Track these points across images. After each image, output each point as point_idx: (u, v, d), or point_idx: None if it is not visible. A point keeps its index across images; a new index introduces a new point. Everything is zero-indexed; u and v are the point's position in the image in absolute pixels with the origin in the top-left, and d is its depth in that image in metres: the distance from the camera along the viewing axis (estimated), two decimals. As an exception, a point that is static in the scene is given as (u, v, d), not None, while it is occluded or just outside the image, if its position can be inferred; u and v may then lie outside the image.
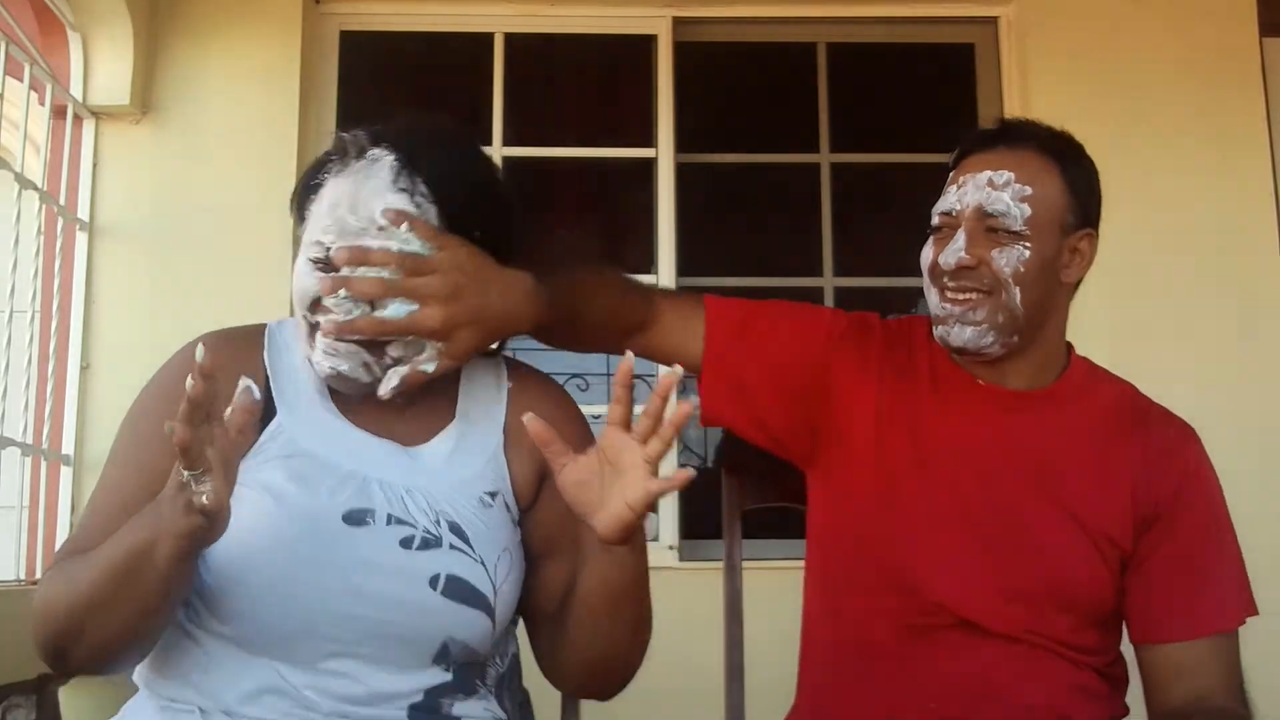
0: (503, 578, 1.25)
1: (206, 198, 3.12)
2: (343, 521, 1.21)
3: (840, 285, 3.43)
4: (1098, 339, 1.58)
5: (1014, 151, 1.45)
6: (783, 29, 3.51)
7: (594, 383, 3.91)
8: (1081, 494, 1.45)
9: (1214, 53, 3.25)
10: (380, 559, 1.20)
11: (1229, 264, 3.17)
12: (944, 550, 1.44)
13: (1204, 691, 1.39)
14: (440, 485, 1.26)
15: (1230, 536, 1.47)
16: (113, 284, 3.08)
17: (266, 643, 1.19)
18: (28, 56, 2.78)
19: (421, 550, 1.22)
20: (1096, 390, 1.52)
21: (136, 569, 1.10)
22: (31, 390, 2.83)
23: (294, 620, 1.18)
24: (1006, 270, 1.41)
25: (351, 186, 1.23)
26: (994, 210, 1.41)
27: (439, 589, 1.20)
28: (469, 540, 1.24)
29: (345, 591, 1.18)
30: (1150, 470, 1.45)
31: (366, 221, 1.21)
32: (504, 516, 1.29)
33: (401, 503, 1.24)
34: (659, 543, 3.17)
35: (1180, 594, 1.43)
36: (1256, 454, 2.97)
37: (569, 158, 3.71)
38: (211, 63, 3.19)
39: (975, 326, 1.43)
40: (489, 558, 1.24)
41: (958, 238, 1.43)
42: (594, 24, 3.44)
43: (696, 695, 2.06)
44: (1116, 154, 3.15)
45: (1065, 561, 1.43)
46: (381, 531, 1.21)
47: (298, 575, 1.18)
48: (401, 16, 3.41)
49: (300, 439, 1.25)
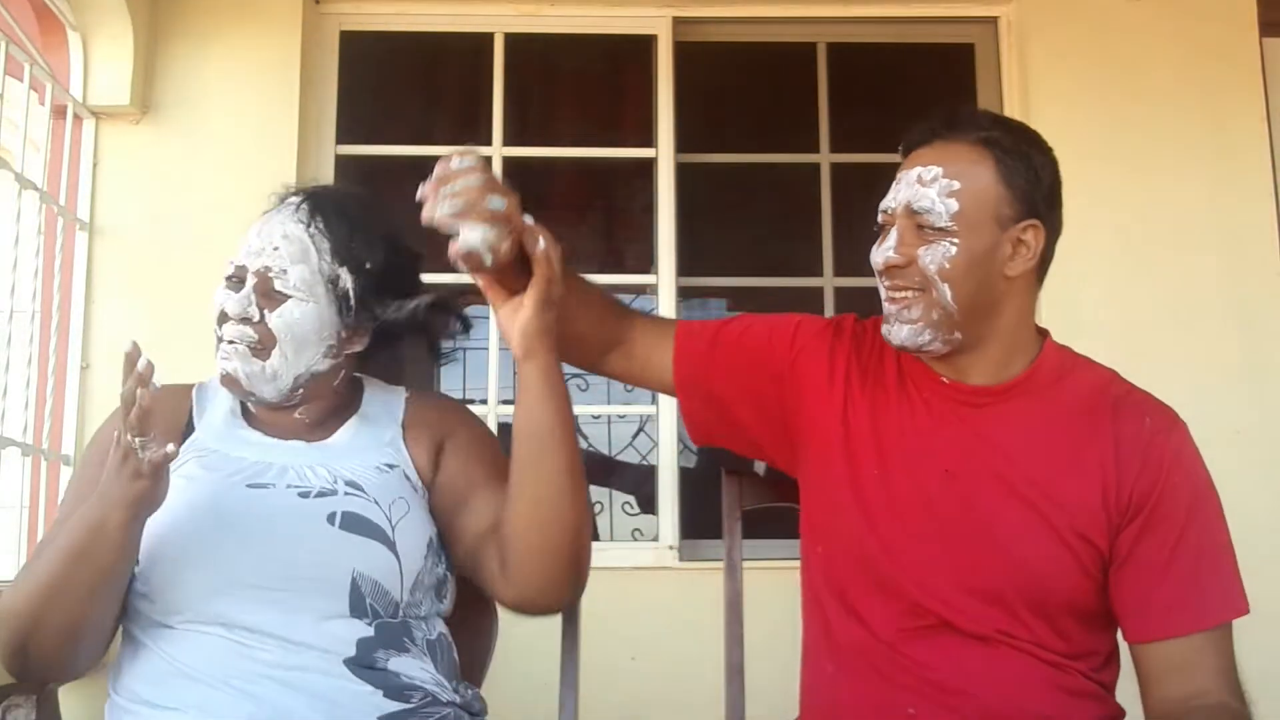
0: (399, 516, 1.39)
1: (206, 198, 3.11)
2: (246, 488, 1.39)
3: (840, 285, 3.43)
4: (1098, 338, 1.58)
5: (947, 145, 1.44)
6: (783, 29, 3.51)
7: (594, 383, 3.91)
8: (1048, 489, 1.42)
9: (1214, 53, 3.24)
10: (282, 507, 1.37)
11: (1229, 264, 3.16)
12: (911, 549, 1.43)
13: (1199, 688, 1.37)
14: (341, 460, 1.44)
15: (1220, 528, 1.43)
16: (113, 284, 3.08)
17: (195, 603, 1.31)
18: (28, 56, 2.78)
19: (318, 498, 1.38)
20: (1068, 380, 1.48)
21: (90, 547, 1.26)
22: (31, 390, 2.83)
23: (213, 568, 1.32)
24: (932, 268, 1.41)
25: (264, 220, 1.48)
26: (919, 208, 1.41)
27: (336, 524, 1.36)
28: (363, 489, 1.40)
29: (251, 535, 1.34)
30: (1124, 463, 1.41)
31: (265, 243, 1.45)
32: (401, 481, 1.45)
33: (301, 474, 1.41)
34: (659, 543, 3.17)
35: (1170, 590, 1.39)
36: (1256, 453, 2.97)
37: (569, 158, 3.71)
38: (211, 63, 3.19)
39: (911, 325, 1.43)
40: (383, 500, 1.40)
41: (890, 236, 1.45)
42: (594, 24, 3.44)
43: (696, 694, 2.07)
44: (1116, 154, 3.17)
45: (1031, 560, 1.40)
46: (281, 491, 1.39)
47: (211, 532, 1.34)
48: (401, 16, 3.40)
49: (210, 442, 1.46)
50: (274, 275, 1.43)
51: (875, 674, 1.44)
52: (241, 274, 1.45)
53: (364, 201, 1.56)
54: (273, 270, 1.43)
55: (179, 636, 1.32)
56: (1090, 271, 3.04)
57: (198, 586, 1.32)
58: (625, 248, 4.13)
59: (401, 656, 1.35)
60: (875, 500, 1.46)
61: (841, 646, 1.47)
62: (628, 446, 3.73)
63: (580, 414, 4.42)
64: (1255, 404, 3.07)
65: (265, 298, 1.43)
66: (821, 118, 3.49)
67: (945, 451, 1.45)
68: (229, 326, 1.42)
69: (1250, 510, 2.54)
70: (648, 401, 3.42)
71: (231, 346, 1.42)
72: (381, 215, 1.56)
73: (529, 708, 1.75)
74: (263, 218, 1.49)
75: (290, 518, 1.36)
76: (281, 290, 1.43)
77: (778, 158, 3.67)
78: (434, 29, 3.45)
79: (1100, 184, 3.14)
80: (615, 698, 2.75)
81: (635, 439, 3.73)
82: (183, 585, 1.33)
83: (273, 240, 1.45)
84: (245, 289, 1.43)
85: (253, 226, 1.48)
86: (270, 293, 1.43)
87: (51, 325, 2.95)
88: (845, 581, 1.48)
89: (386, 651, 1.34)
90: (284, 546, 1.34)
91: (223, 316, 1.44)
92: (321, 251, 1.46)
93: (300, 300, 1.43)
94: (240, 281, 1.44)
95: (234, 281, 1.45)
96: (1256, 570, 1.46)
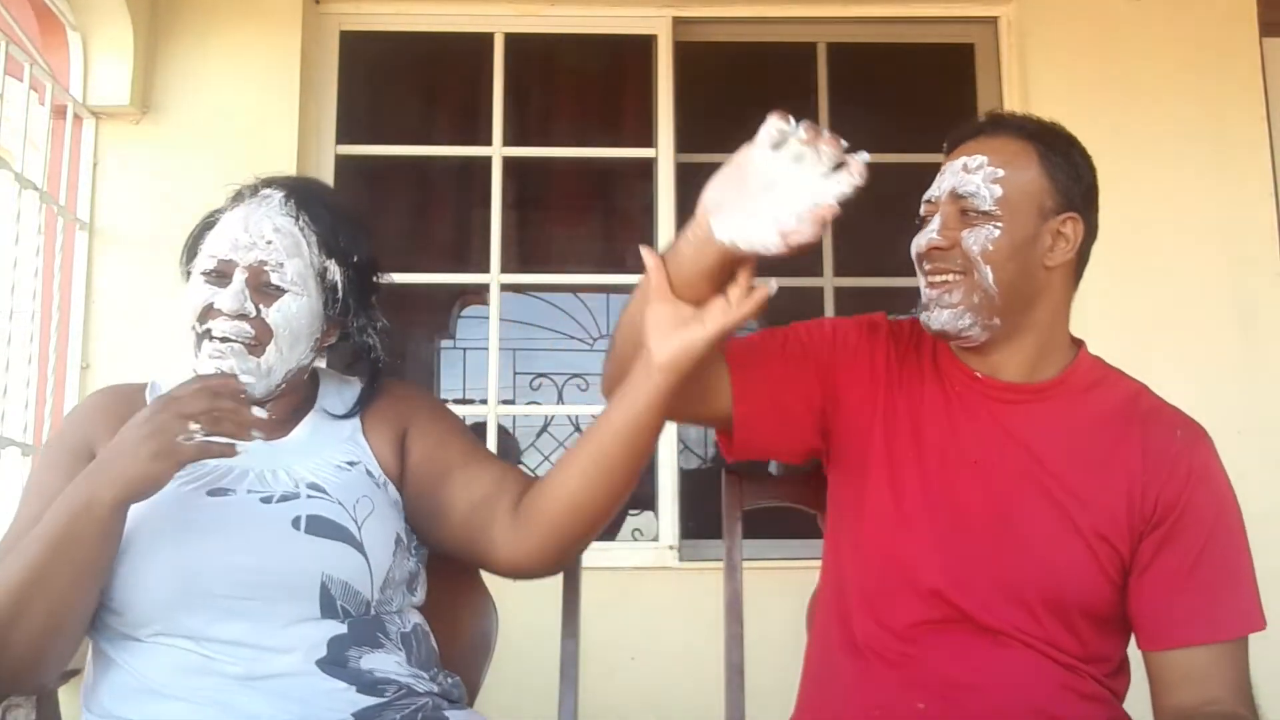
0: (364, 516, 1.37)
1: (206, 198, 3.09)
2: (207, 495, 1.35)
3: (840, 285, 3.43)
4: (1098, 338, 1.57)
5: (992, 139, 1.48)
6: (783, 29, 3.51)
7: (594, 383, 3.92)
8: (1075, 490, 1.43)
9: (1214, 53, 3.25)
10: (244, 514, 1.34)
11: (1229, 263, 3.17)
12: (939, 542, 1.44)
13: (1211, 697, 1.38)
14: (301, 461, 1.41)
15: (1242, 544, 1.45)
16: (113, 284, 3.08)
17: (163, 616, 1.29)
18: (28, 56, 2.78)
19: (281, 503, 1.36)
20: (1100, 389, 1.50)
21: (75, 531, 1.23)
22: (31, 390, 2.83)
23: (180, 580, 1.29)
24: (975, 249, 1.42)
25: (244, 213, 1.44)
26: (964, 192, 1.44)
27: (302, 528, 1.34)
28: (325, 491, 1.38)
29: (219, 546, 1.31)
30: (1150, 473, 1.43)
31: (256, 237, 1.41)
32: (363, 478, 1.43)
33: (261, 479, 1.39)
34: (659, 543, 3.17)
35: (1189, 600, 1.40)
36: (1257, 453, 2.97)
37: (569, 158, 3.71)
38: (211, 63, 3.19)
39: (952, 309, 1.44)
40: (347, 500, 1.38)
41: (933, 221, 1.47)
42: (594, 24, 3.44)
43: (696, 695, 2.07)
44: (1116, 153, 3.16)
45: (1052, 558, 1.42)
46: (243, 497, 1.36)
47: (173, 540, 1.30)
48: (401, 16, 3.41)
49: None
50: (270, 269, 1.41)
51: (888, 668, 1.44)
52: (227, 268, 1.41)
53: (337, 194, 1.55)
54: (268, 264, 1.41)
55: (147, 650, 1.30)
56: (1090, 270, 3.01)
57: (165, 600, 1.29)
58: (625, 248, 4.13)
59: (375, 653, 1.34)
60: (910, 494, 1.47)
61: (857, 641, 1.48)
62: (628, 446, 3.76)
63: (580, 414, 4.45)
64: (1255, 404, 3.08)
65: (258, 292, 1.40)
66: (821, 118, 3.49)
67: (974, 445, 1.47)
68: (221, 323, 1.38)
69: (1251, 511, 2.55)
70: (648, 401, 3.42)
71: (226, 344, 1.38)
72: (356, 208, 1.55)
73: (529, 707, 1.75)
74: (239, 210, 1.45)
75: (254, 525, 1.33)
76: (278, 284, 1.41)
77: (778, 158, 3.66)
78: (434, 29, 3.45)
79: (1100, 183, 3.14)
80: (615, 698, 2.75)
81: (635, 439, 3.77)
82: (150, 598, 1.29)
83: (263, 234, 1.42)
84: (236, 283, 1.39)
85: (228, 219, 1.44)
86: (264, 287, 1.41)
87: (51, 325, 2.95)
88: (871, 575, 1.48)
89: (359, 649, 1.33)
90: (251, 555, 1.31)
91: (210, 312, 1.39)
92: (311, 245, 1.45)
93: (296, 294, 1.42)
94: (224, 276, 1.40)
95: (217, 276, 1.41)
96: (1259, 572, 1.46)
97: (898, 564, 1.46)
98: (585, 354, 4.86)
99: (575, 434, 4.36)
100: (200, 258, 1.44)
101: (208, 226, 1.47)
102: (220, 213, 1.48)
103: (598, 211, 4.31)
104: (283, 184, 1.49)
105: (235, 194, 1.50)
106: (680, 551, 3.14)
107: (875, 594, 1.47)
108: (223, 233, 1.43)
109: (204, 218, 1.50)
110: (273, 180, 1.50)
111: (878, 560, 1.48)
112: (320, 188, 1.55)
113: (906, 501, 1.46)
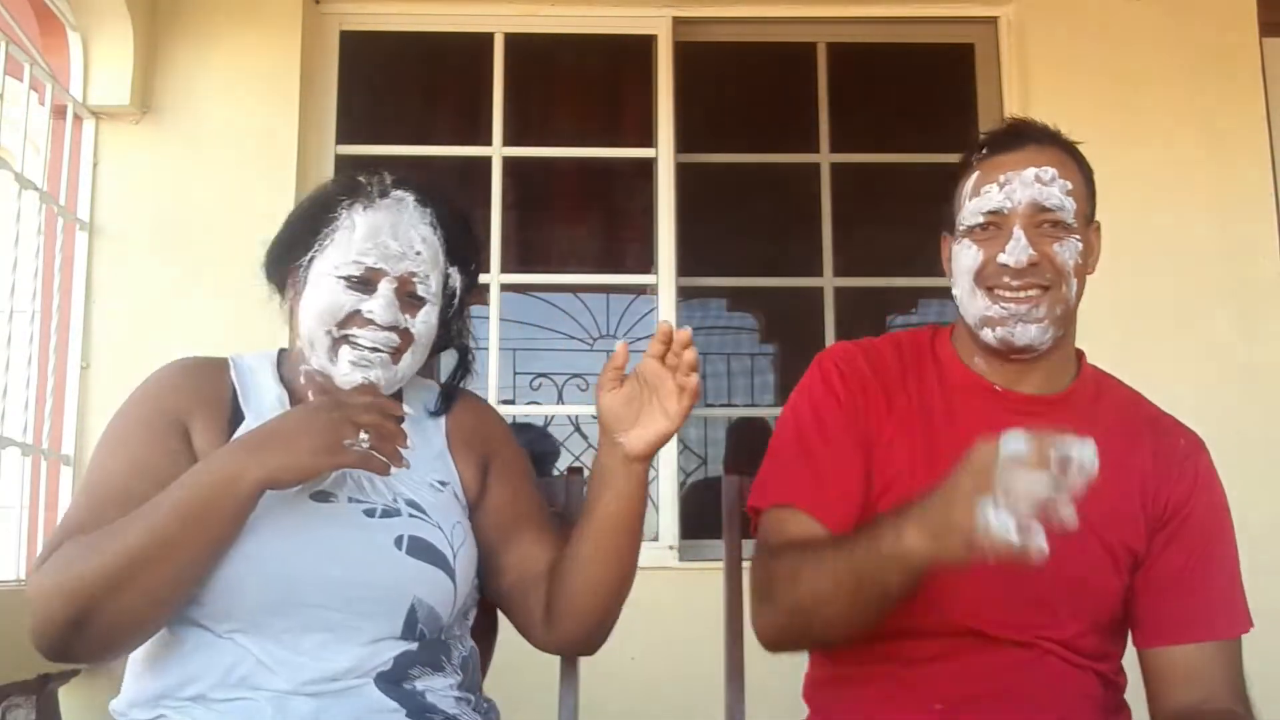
0: (459, 543, 1.38)
1: (206, 198, 3.12)
2: (310, 499, 1.33)
3: (840, 285, 3.43)
4: (1098, 339, 1.57)
5: (1045, 149, 1.46)
6: (783, 29, 3.51)
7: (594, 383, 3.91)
8: (1095, 498, 1.43)
9: (1214, 53, 3.25)
10: (348, 526, 1.33)
11: (1229, 264, 3.17)
12: (968, 572, 1.43)
13: (1207, 695, 1.40)
14: (396, 475, 1.35)
15: (1235, 549, 1.49)
16: (113, 284, 3.08)
17: (248, 616, 1.27)
18: (28, 56, 2.78)
19: (384, 518, 1.35)
20: (1107, 397, 1.53)
21: (212, 503, 1.21)
22: (31, 390, 2.83)
23: (278, 587, 1.27)
24: (1069, 264, 1.43)
25: (387, 218, 1.40)
26: (1051, 205, 1.42)
27: (404, 549, 1.33)
28: (425, 511, 1.38)
29: (319, 556, 1.29)
30: (1161, 476, 1.46)
31: (406, 247, 1.39)
32: (454, 501, 1.43)
33: (360, 486, 1.37)
34: (659, 543, 3.17)
35: (1188, 599, 1.43)
36: (1257, 454, 2.97)
37: (569, 158, 3.71)
38: (211, 63, 3.19)
39: (1039, 324, 1.42)
40: (445, 524, 1.38)
41: (1016, 235, 1.42)
42: (594, 24, 3.44)
43: (696, 694, 2.06)
44: (1116, 154, 3.16)
45: (1079, 565, 1.42)
46: (345, 508, 1.34)
47: (274, 544, 1.27)
48: (401, 16, 3.41)
49: None
50: (417, 281, 1.40)
51: (896, 672, 1.44)
52: (375, 276, 1.38)
53: (456, 197, 1.53)
54: (417, 275, 1.40)
55: (220, 645, 1.27)
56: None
57: (257, 603, 1.26)
58: (625, 248, 4.13)
59: (435, 676, 1.34)
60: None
61: (874, 648, 1.46)
62: (628, 446, 3.76)
63: (581, 414, 4.44)
64: (1255, 404, 3.08)
65: (403, 302, 1.39)
66: (821, 118, 3.49)
67: None
68: (371, 332, 1.36)
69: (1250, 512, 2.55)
70: (648, 401, 3.42)
71: (375, 354, 1.37)
72: (469, 210, 1.54)
73: (529, 708, 1.75)
74: (379, 215, 1.40)
75: (358, 539, 1.32)
76: (422, 295, 1.41)
77: (778, 158, 3.67)
78: (434, 29, 3.45)
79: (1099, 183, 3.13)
80: (615, 698, 2.75)
81: (635, 439, 3.76)
82: (243, 599, 1.26)
83: (412, 244, 1.40)
84: (385, 293, 1.37)
85: (370, 223, 1.39)
86: (408, 297, 1.40)
87: (51, 325, 2.95)
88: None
89: (422, 669, 1.33)
90: (351, 569, 1.29)
91: (356, 319, 1.37)
92: (441, 253, 1.44)
93: (433, 304, 1.42)
94: (369, 284, 1.38)
95: (359, 283, 1.38)
96: (1257, 573, 1.47)
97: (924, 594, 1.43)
98: (585, 354, 4.85)
99: (574, 434, 4.35)
100: (339, 255, 1.38)
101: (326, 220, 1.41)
102: (338, 205, 1.42)
103: (598, 211, 4.32)
104: (411, 186, 1.45)
105: (349, 185, 1.45)
106: (680, 551, 3.13)
107: (896, 614, 1.47)
108: (367, 237, 1.39)
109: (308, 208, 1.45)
110: (401, 180, 1.46)
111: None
112: (445, 192, 1.51)
113: None
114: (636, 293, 3.79)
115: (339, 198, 1.42)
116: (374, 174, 1.46)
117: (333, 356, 1.37)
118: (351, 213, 1.40)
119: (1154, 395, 1.56)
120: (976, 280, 1.45)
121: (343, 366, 1.37)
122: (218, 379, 1.42)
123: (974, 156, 1.49)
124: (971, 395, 1.49)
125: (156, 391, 1.40)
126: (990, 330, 1.44)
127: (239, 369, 1.45)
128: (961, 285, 1.47)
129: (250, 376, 1.45)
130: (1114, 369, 1.57)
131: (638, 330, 4.11)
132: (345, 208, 1.41)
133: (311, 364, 1.40)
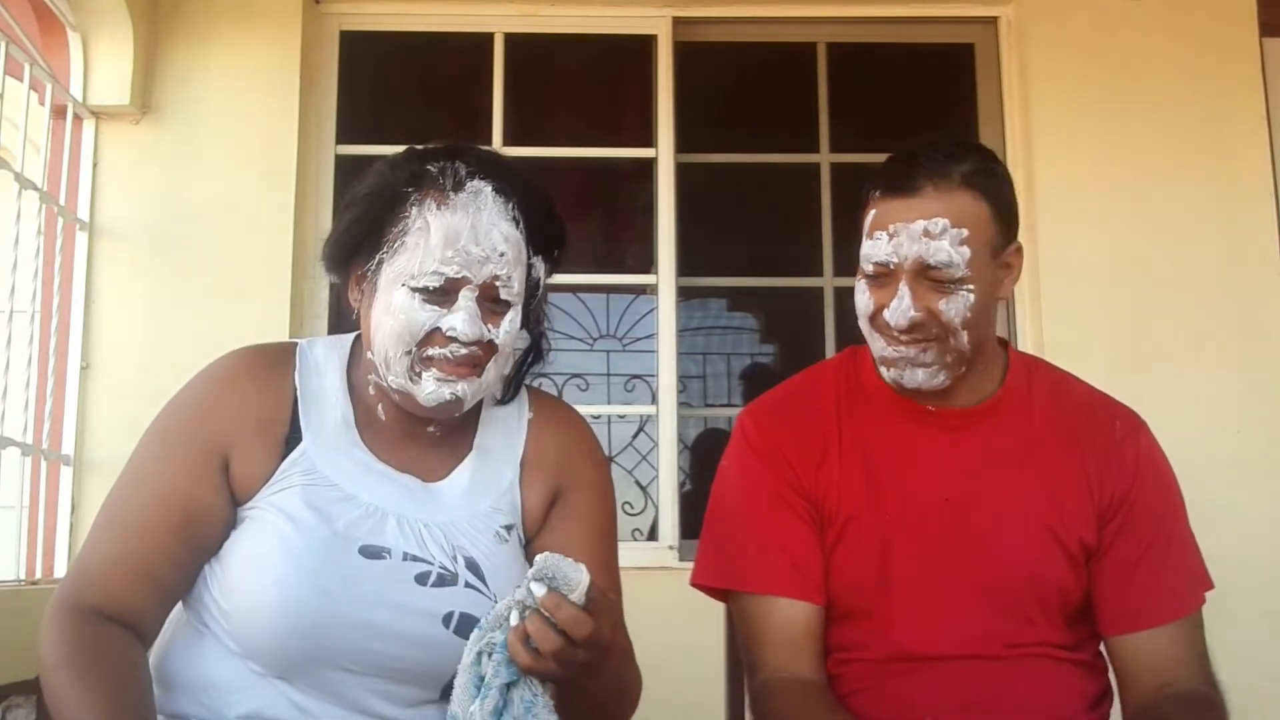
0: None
1: (206, 198, 3.11)
2: (359, 554, 1.24)
3: (840, 285, 3.43)
4: (1099, 338, 1.58)
5: (942, 194, 1.39)
6: (783, 29, 3.51)
7: (594, 383, 3.91)
8: (1041, 495, 1.46)
9: (1214, 53, 3.25)
10: (396, 595, 1.23)
11: (1229, 264, 3.16)
12: (905, 593, 1.44)
13: (1173, 676, 1.41)
14: (458, 520, 1.29)
15: (1183, 516, 1.50)
16: (113, 284, 3.08)
17: (279, 666, 1.21)
18: (28, 56, 2.78)
19: (437, 587, 1.25)
20: (1039, 389, 1.53)
21: None
22: (31, 390, 2.83)
23: (308, 649, 1.20)
24: (956, 319, 1.40)
25: (466, 219, 1.25)
26: (936, 262, 1.38)
27: (452, 627, 1.23)
28: (484, 577, 1.27)
29: (360, 625, 1.21)
30: (1104, 465, 1.47)
31: (489, 249, 1.25)
32: (517, 550, 1.33)
33: (419, 538, 1.27)
34: (659, 543, 3.18)
35: (1145, 582, 1.45)
36: (1256, 452, 2.97)
37: (569, 158, 3.71)
38: (211, 63, 3.19)
39: (926, 369, 1.43)
40: (502, 595, 1.21)
41: (901, 293, 1.40)
42: (594, 24, 3.44)
43: (696, 695, 2.06)
44: (1116, 154, 3.17)
45: (1041, 568, 1.44)
46: (398, 567, 1.24)
47: (314, 605, 1.20)
48: (401, 16, 3.41)
49: (322, 467, 1.28)
50: (500, 284, 1.27)
51: (872, 698, 1.45)
52: (455, 286, 1.25)
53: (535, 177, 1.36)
54: (500, 279, 1.26)
55: (248, 682, 1.22)
56: (1090, 271, 3.04)
57: (289, 655, 1.20)
58: (625, 248, 4.12)
59: None
60: (867, 540, 1.46)
61: (855, 670, 1.48)
62: (628, 447, 3.73)
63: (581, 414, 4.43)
64: (1255, 403, 3.07)
65: (485, 309, 1.27)
66: (821, 118, 3.49)
67: (936, 478, 1.47)
68: (454, 350, 1.25)
69: (1249, 509, 2.55)
70: (648, 402, 3.42)
71: (458, 369, 1.26)
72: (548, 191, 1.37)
73: (529, 707, 1.75)
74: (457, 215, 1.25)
75: (405, 610, 1.22)
76: (506, 299, 1.28)
77: (778, 158, 3.66)
78: (434, 29, 3.45)
79: (1099, 183, 3.14)
80: (615, 698, 2.75)
81: (635, 439, 3.74)
82: (273, 649, 1.20)
83: (495, 245, 1.25)
84: (467, 305, 1.25)
85: (448, 225, 1.24)
86: (490, 303, 1.27)
87: (51, 325, 2.95)
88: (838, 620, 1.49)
89: None
90: (393, 644, 1.22)
91: (437, 338, 1.25)
92: (525, 246, 1.30)
93: (517, 306, 1.29)
94: (449, 295, 1.25)
95: (439, 295, 1.25)
96: (1256, 569, 1.48)
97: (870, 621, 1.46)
98: (585, 354, 4.85)
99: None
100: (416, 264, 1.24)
101: (385, 219, 1.28)
102: (408, 201, 1.27)
103: (598, 211, 4.31)
104: (488, 173, 1.29)
105: (417, 174, 1.28)
106: (680, 551, 3.14)
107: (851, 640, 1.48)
108: (446, 244, 1.24)
109: (372, 202, 1.30)
110: (476, 169, 1.29)
111: (851, 615, 1.48)
112: (526, 175, 1.34)
113: (868, 554, 1.45)
114: (636, 293, 3.79)
115: (406, 191, 1.28)
116: (445, 161, 1.29)
117: (413, 377, 1.26)
118: (424, 211, 1.26)
119: (1154, 393, 1.57)
120: (871, 325, 1.46)
121: (427, 385, 1.26)
122: (279, 385, 1.30)
123: (870, 192, 1.45)
124: (906, 420, 1.50)
125: (199, 410, 1.29)
126: (885, 370, 1.47)
127: (304, 367, 1.33)
128: (861, 323, 1.48)
129: (316, 379, 1.33)
130: (1113, 367, 1.58)
131: (638, 330, 4.10)
132: (415, 205, 1.26)
133: (388, 381, 1.29)
